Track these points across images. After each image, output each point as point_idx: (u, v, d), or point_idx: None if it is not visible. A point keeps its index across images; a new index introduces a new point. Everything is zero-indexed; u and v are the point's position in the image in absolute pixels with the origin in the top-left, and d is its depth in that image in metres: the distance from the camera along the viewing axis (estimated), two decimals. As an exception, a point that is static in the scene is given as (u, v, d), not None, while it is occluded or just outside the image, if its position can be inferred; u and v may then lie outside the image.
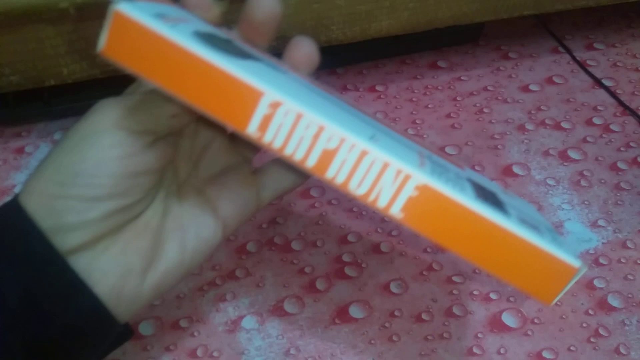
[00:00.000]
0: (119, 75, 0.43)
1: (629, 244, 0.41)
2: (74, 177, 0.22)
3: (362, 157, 0.21)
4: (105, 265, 0.23)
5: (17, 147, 0.46)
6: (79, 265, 0.23)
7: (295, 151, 0.21)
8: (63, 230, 0.22)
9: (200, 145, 0.28)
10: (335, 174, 0.21)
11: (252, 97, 0.20)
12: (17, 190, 0.44)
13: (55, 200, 0.22)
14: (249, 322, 0.36)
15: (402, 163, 0.21)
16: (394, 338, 0.36)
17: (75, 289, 0.22)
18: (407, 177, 0.21)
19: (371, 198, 0.21)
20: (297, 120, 0.20)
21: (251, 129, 0.21)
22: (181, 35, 0.20)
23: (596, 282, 0.39)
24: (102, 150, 0.22)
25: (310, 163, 0.21)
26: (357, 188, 0.21)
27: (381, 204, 0.21)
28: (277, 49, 0.28)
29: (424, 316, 0.37)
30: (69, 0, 0.37)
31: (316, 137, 0.20)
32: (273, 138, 0.21)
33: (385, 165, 0.21)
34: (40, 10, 0.37)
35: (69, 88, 0.44)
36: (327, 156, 0.21)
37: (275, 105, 0.20)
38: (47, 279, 0.22)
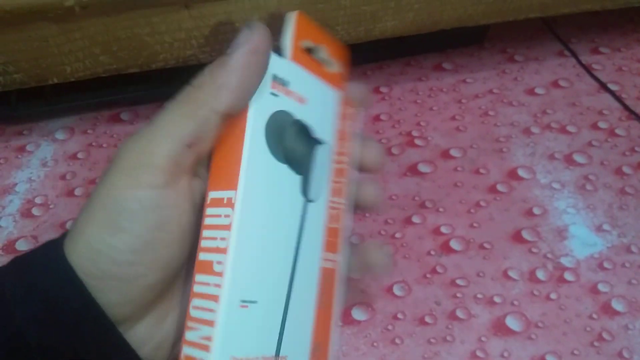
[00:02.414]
0: (121, 75, 0.43)
1: (633, 249, 0.40)
2: (109, 255, 0.21)
3: (210, 299, 0.21)
4: (140, 336, 0.23)
5: (19, 146, 0.46)
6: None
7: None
8: (105, 307, 0.21)
9: None
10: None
11: (229, 196, 0.22)
12: (18, 189, 0.44)
13: (95, 280, 0.21)
14: (250, 323, 0.36)
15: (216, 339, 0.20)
16: (397, 341, 0.36)
17: None
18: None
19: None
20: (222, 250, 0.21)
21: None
22: (253, 114, 0.22)
23: (600, 287, 0.38)
24: (139, 226, 0.21)
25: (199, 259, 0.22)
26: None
27: None
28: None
29: (427, 319, 0.36)
30: (74, -2, 0.37)
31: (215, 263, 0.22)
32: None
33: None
34: (45, 9, 0.37)
35: (71, 86, 0.44)
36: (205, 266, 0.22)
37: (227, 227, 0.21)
38: (101, 349, 0.21)
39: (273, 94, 0.23)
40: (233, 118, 0.22)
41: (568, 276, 0.39)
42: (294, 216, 0.24)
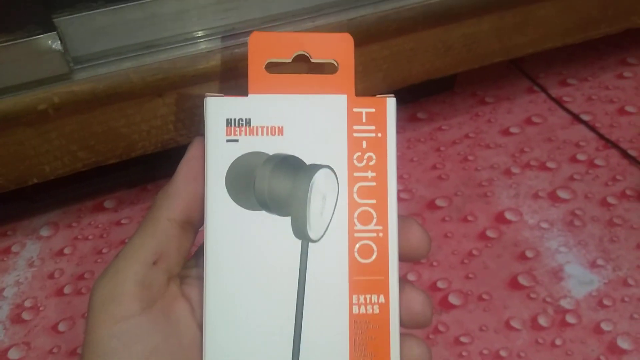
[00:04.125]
0: (101, 167, 0.43)
1: (630, 281, 0.40)
2: None
3: None
4: None
5: (4, 248, 0.46)
6: None
7: None
8: None
9: None
10: None
11: None
12: (6, 294, 0.43)
13: None
14: None
15: None
16: (408, 410, 0.35)
17: None
18: None
19: None
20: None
21: None
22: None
23: (603, 326, 0.38)
24: None
25: None
26: None
27: None
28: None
29: (435, 383, 0.36)
30: (47, 101, 0.37)
31: None
32: None
33: None
34: (19, 115, 0.37)
35: (52, 181, 0.44)
36: None
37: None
38: None
39: (230, 140, 0.21)
40: (192, 224, 0.22)
41: (570, 319, 0.39)
42: (288, 264, 0.21)
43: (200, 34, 0.39)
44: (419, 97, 0.56)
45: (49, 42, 0.36)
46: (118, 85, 0.38)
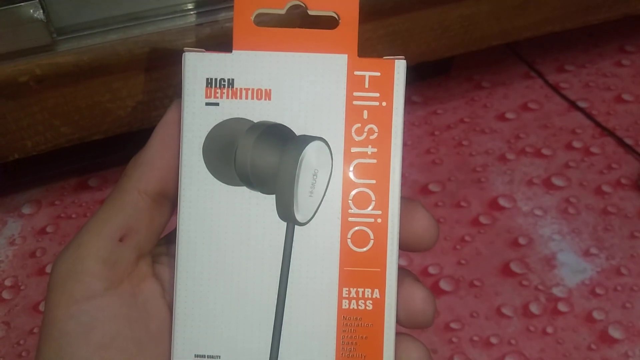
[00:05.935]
0: (85, 143, 0.41)
1: (623, 270, 0.40)
2: None
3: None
4: None
5: (-16, 225, 0.44)
6: None
7: None
8: None
9: None
10: None
11: None
12: (-14, 272, 0.42)
13: None
14: None
15: None
16: (396, 396, 0.34)
17: None
18: None
19: None
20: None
21: None
22: (191, 112, 0.19)
23: (595, 314, 0.38)
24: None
25: None
26: None
27: None
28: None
29: (424, 369, 0.35)
30: (28, 73, 0.36)
31: None
32: None
33: None
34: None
35: (35, 157, 0.42)
36: None
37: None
38: None
39: (210, 103, 0.19)
40: (168, 197, 0.20)
41: (562, 307, 0.38)
42: (270, 249, 0.19)
43: (190, 6, 0.38)
44: (414, 80, 0.55)
45: (31, 10, 0.34)
46: (103, 58, 0.37)
